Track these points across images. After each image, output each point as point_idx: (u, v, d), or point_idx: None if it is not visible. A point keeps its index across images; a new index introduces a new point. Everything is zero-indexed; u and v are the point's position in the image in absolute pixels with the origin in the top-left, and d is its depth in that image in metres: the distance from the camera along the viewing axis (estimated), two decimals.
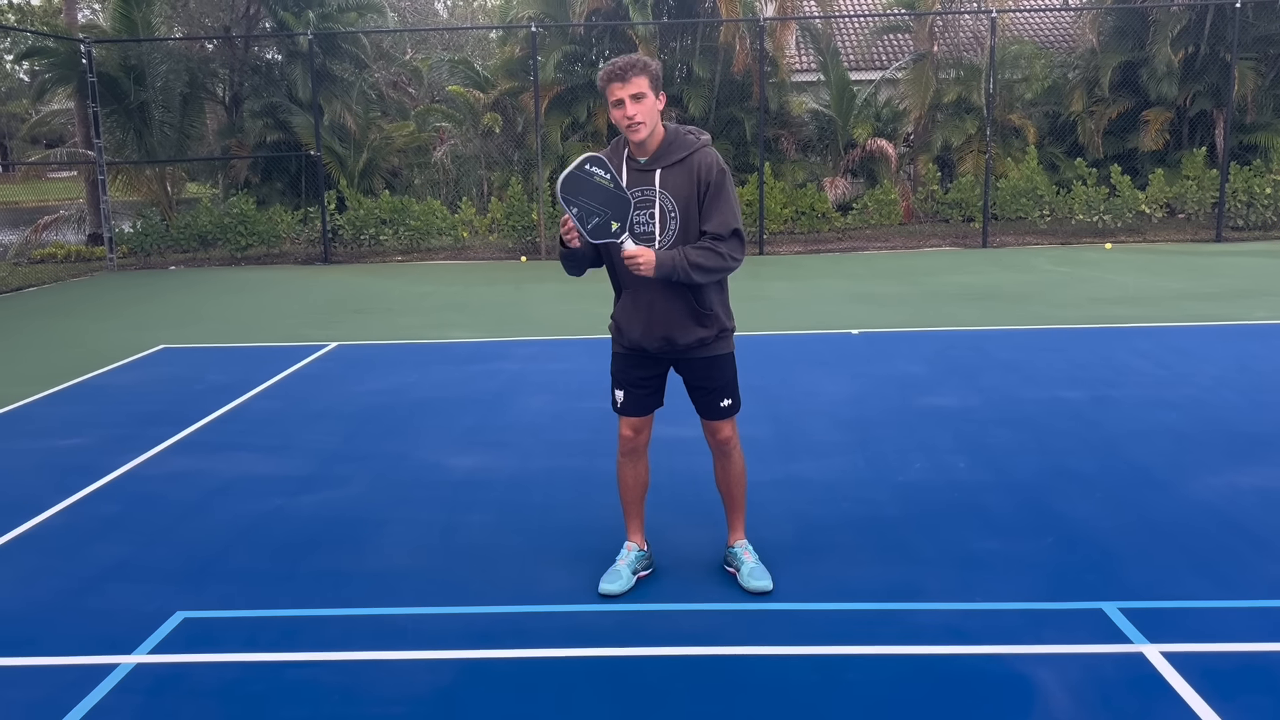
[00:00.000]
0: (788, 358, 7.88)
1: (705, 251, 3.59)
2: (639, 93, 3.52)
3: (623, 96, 3.52)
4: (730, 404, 3.87)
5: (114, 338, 9.61)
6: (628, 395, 3.87)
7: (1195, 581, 3.87)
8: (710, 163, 3.63)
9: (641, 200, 3.63)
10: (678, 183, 3.61)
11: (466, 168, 18.57)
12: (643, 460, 3.97)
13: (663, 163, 3.62)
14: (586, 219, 3.48)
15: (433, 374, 7.69)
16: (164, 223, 16.89)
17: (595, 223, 3.49)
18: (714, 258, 3.59)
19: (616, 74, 3.53)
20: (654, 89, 3.57)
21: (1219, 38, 16.20)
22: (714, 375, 3.82)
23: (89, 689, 3.29)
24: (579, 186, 3.47)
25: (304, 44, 16.64)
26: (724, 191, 3.63)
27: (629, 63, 3.54)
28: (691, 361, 3.80)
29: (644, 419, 3.91)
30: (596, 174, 3.47)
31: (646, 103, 3.54)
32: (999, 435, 5.76)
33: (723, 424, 3.90)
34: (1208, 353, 7.62)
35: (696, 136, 3.70)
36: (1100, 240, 15.54)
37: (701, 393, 3.86)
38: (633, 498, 4.00)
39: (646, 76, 3.54)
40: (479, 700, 3.20)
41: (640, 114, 3.54)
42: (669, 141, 3.64)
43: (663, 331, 3.71)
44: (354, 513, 4.84)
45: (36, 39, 17.78)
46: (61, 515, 4.91)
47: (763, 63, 15.87)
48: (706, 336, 3.73)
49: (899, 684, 3.22)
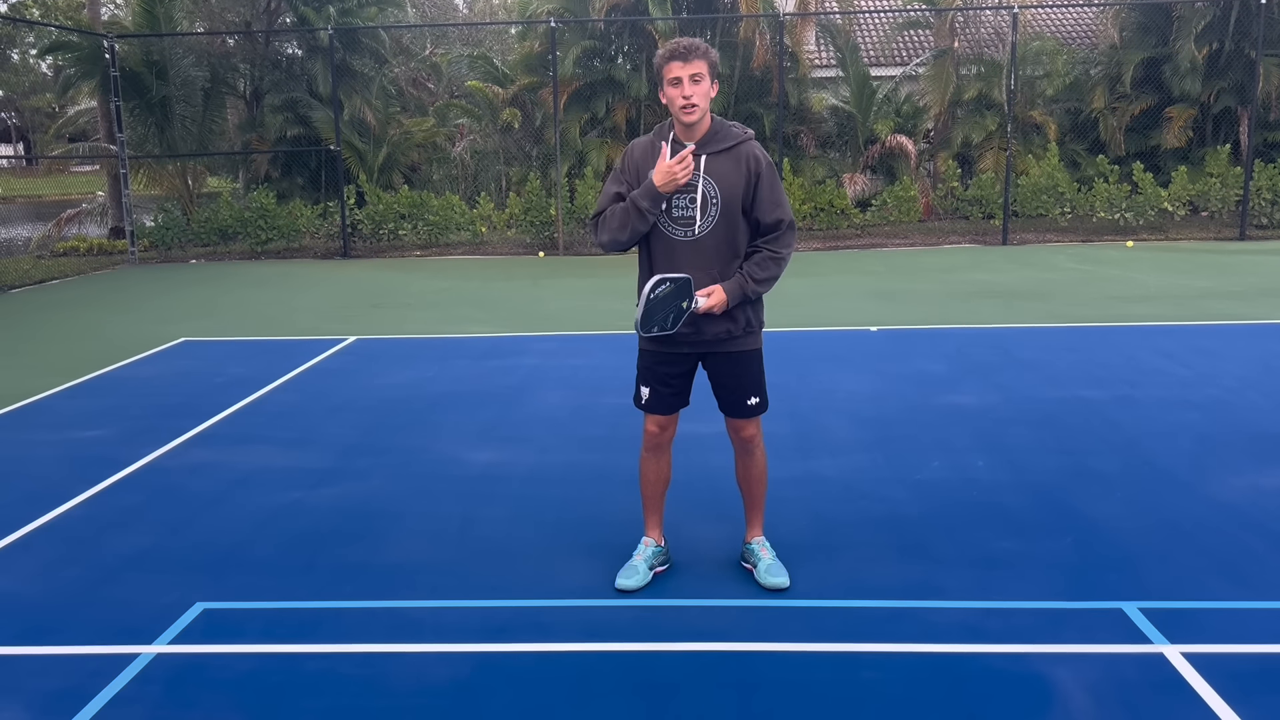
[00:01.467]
0: (806, 355, 7.85)
1: (764, 263, 3.64)
2: (698, 74, 3.53)
3: (682, 76, 3.52)
4: (757, 402, 3.86)
5: (135, 331, 9.68)
6: (654, 393, 3.85)
7: (1216, 582, 3.84)
8: (759, 154, 3.66)
9: (684, 185, 3.61)
10: (724, 170, 3.61)
11: (485, 163, 18.59)
12: (666, 456, 3.96)
13: (709, 149, 3.62)
14: (667, 324, 3.53)
15: (451, 368, 7.71)
16: (185, 217, 17.00)
17: (673, 318, 3.53)
18: (773, 265, 3.65)
19: (680, 53, 3.53)
20: (712, 75, 3.58)
21: (1244, 34, 16.04)
22: (740, 372, 3.80)
23: (109, 679, 3.32)
24: (655, 312, 3.48)
25: (324, 39, 16.70)
26: (775, 182, 3.67)
27: (692, 44, 3.55)
28: (718, 356, 3.78)
29: (670, 417, 3.89)
30: (659, 291, 3.46)
31: (703, 85, 3.55)
32: (1019, 434, 5.72)
33: (748, 422, 3.88)
34: (1231, 352, 7.55)
35: (742, 130, 3.71)
36: (1122, 238, 15.42)
37: (728, 390, 3.84)
38: (653, 493, 4.00)
39: (707, 61, 3.55)
40: (496, 693, 3.21)
41: (697, 95, 3.54)
42: (715, 130, 3.65)
43: (691, 325, 3.68)
44: (372, 505, 4.86)
45: (60, 34, 17.93)
46: (82, 506, 4.95)
47: (782, 58, 15.82)
48: (734, 329, 3.72)
49: (916, 682, 3.21)
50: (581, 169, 16.46)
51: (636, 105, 16.85)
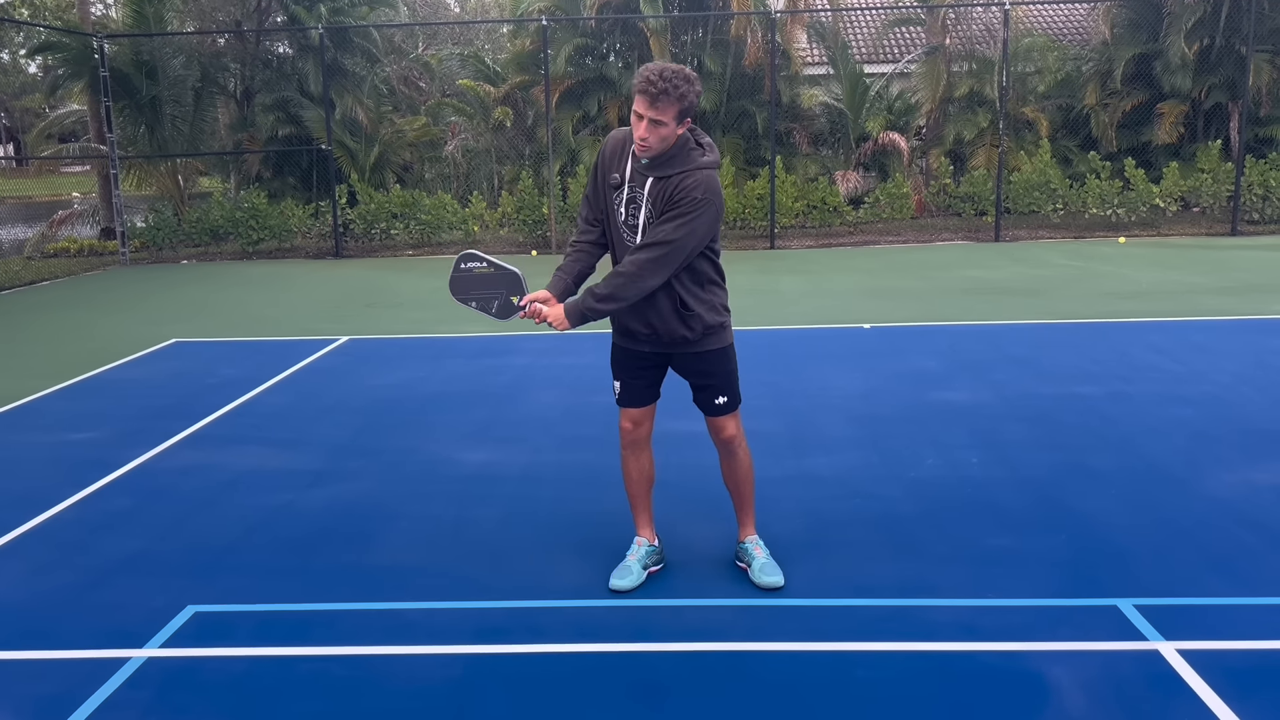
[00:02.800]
0: (799, 352, 7.85)
1: (610, 278, 3.52)
2: (660, 120, 3.39)
3: (643, 115, 3.41)
4: (726, 401, 3.82)
5: (126, 332, 9.64)
6: (624, 386, 3.86)
7: (1212, 579, 3.83)
8: (690, 185, 3.46)
9: (630, 198, 3.59)
10: (658, 194, 3.53)
11: (477, 162, 18.56)
12: (646, 453, 3.94)
13: (656, 172, 3.53)
14: (489, 305, 3.62)
15: (444, 368, 7.69)
16: (176, 217, 16.94)
17: (497, 305, 3.62)
18: (614, 281, 3.50)
19: (649, 92, 3.37)
20: (679, 118, 3.42)
21: (1234, 30, 16.06)
22: (706, 371, 3.78)
23: (100, 683, 3.29)
24: (466, 285, 3.64)
25: (315, 38, 16.65)
26: (678, 213, 3.46)
27: (665, 88, 3.35)
28: (683, 356, 3.77)
29: (643, 410, 3.88)
30: (474, 267, 3.62)
31: (663, 131, 3.42)
32: (1012, 431, 5.72)
33: (725, 422, 3.85)
34: (1224, 348, 7.56)
35: (703, 153, 3.55)
36: (1114, 234, 15.44)
37: (696, 389, 3.85)
38: (638, 491, 3.97)
39: (677, 107, 3.38)
40: (490, 695, 3.19)
41: (652, 139, 3.43)
42: (672, 155, 3.51)
43: (647, 325, 3.68)
44: (365, 507, 4.84)
45: (49, 34, 17.83)
46: (73, 509, 4.92)
47: (774, 56, 15.81)
48: (690, 335, 3.69)
49: (911, 681, 3.20)
50: (574, 167, 16.43)
51: (629, 103, 16.75)
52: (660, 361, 3.84)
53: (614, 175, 3.63)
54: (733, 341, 3.83)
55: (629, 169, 3.60)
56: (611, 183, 3.64)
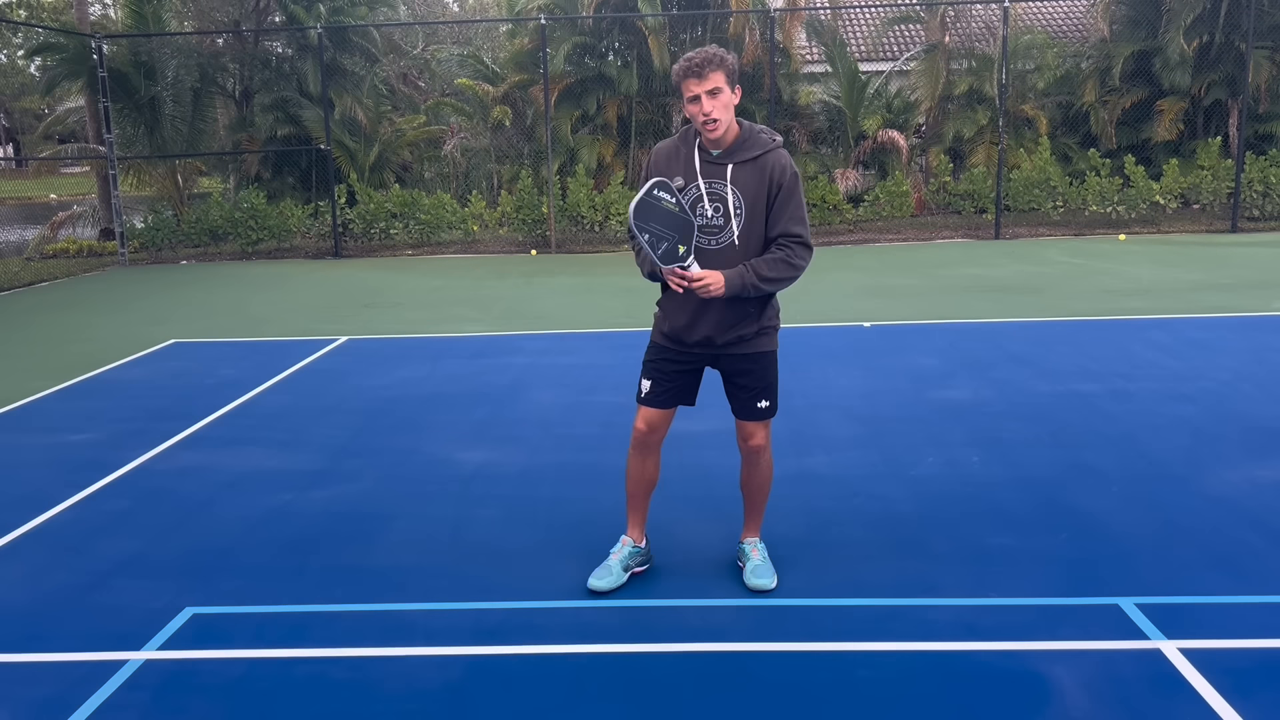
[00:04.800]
0: (799, 351, 7.83)
1: (774, 263, 3.53)
2: (716, 88, 3.42)
3: (699, 93, 3.42)
4: (767, 406, 3.78)
5: (125, 332, 9.63)
6: (655, 386, 3.78)
7: (1213, 577, 3.82)
8: (784, 164, 3.55)
9: (710, 193, 3.56)
10: (748, 180, 3.53)
11: (476, 161, 18.55)
12: (653, 457, 3.89)
13: (736, 158, 3.54)
14: (657, 244, 3.45)
15: (443, 368, 7.67)
16: (175, 218, 16.92)
17: (665, 248, 3.47)
18: (783, 268, 3.54)
19: (693, 70, 3.42)
20: (730, 83, 3.46)
21: (1234, 26, 16.05)
22: (753, 372, 3.74)
23: (97, 685, 3.28)
24: (650, 213, 3.44)
25: (314, 38, 16.64)
26: (795, 196, 3.56)
27: (705, 57, 3.42)
28: (732, 357, 3.72)
29: (662, 415, 3.81)
30: (664, 199, 3.45)
31: (723, 98, 3.44)
32: (1013, 429, 5.70)
33: (757, 428, 3.80)
34: (1224, 345, 7.55)
35: (770, 137, 3.61)
36: (1114, 231, 15.42)
37: (738, 389, 3.78)
38: (637, 492, 3.93)
39: (723, 71, 3.43)
40: (488, 696, 3.18)
41: (717, 110, 3.44)
42: (744, 138, 3.56)
43: (706, 328, 3.64)
44: (363, 508, 4.83)
45: (48, 35, 17.82)
46: (71, 510, 4.91)
47: (773, 53, 15.79)
48: (746, 333, 3.67)
49: (911, 681, 3.18)
50: (573, 166, 16.42)
51: (628, 102, 16.81)
52: (701, 364, 3.78)
53: (677, 179, 3.58)
54: (778, 348, 3.81)
55: (697, 166, 3.57)
56: (676, 186, 3.59)
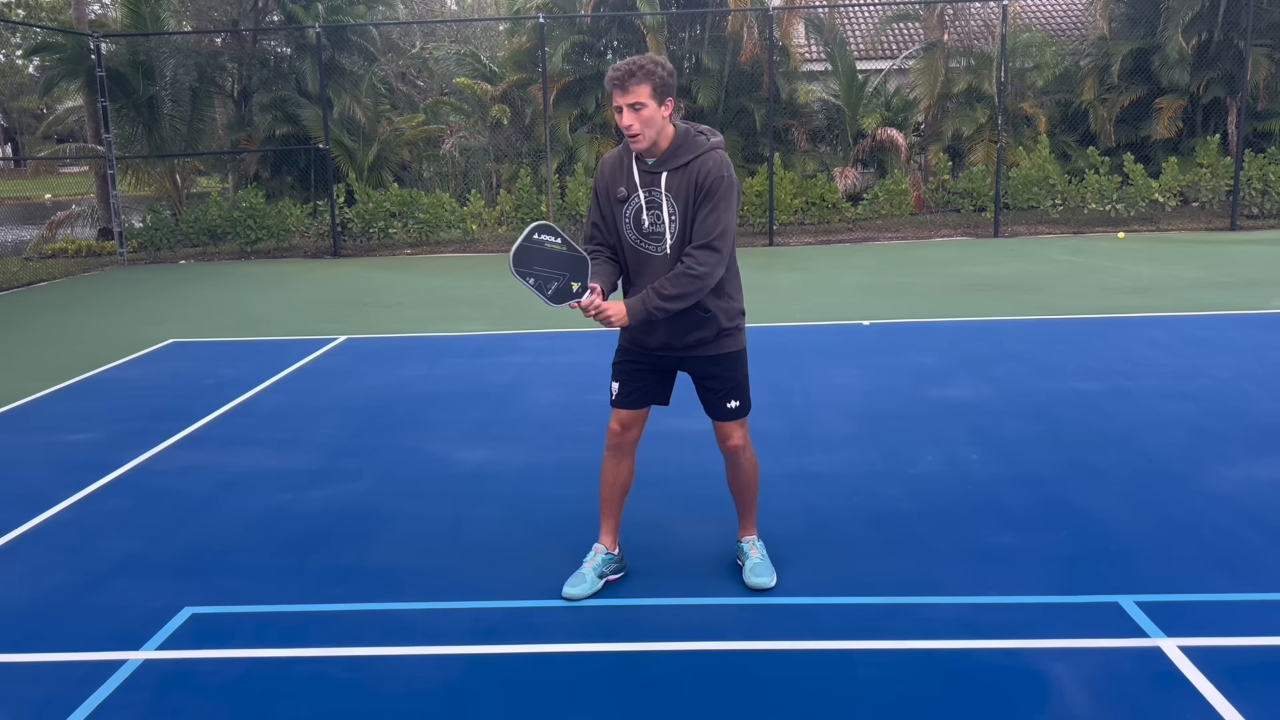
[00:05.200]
0: (799, 349, 7.83)
1: (675, 279, 3.48)
2: (638, 102, 3.40)
3: (622, 105, 3.42)
4: (737, 406, 3.77)
5: (124, 332, 9.62)
6: (623, 388, 3.78)
7: (1212, 575, 3.82)
8: (710, 168, 3.49)
9: (649, 202, 3.55)
10: (680, 186, 3.52)
11: (475, 160, 18.54)
12: (628, 460, 3.86)
13: (669, 165, 3.53)
14: (546, 286, 3.46)
15: (442, 367, 7.67)
16: (174, 217, 16.91)
17: (555, 287, 3.46)
18: (684, 282, 3.47)
19: (616, 82, 3.42)
20: (658, 96, 3.42)
21: (1233, 24, 16.05)
22: (718, 373, 3.73)
23: (96, 685, 3.28)
24: (531, 257, 3.44)
25: (313, 37, 16.62)
26: (714, 199, 3.48)
27: (630, 69, 3.40)
28: (697, 359, 3.72)
29: (634, 415, 3.79)
30: (548, 241, 3.44)
31: (646, 113, 3.41)
32: (1012, 427, 5.70)
33: (731, 428, 3.79)
34: (1224, 343, 7.55)
35: (707, 138, 3.58)
36: (1113, 229, 15.42)
37: (706, 391, 3.79)
38: (610, 496, 3.89)
39: (649, 84, 3.40)
40: (488, 695, 3.18)
41: (637, 124, 3.42)
42: (677, 144, 3.53)
43: (662, 334, 3.64)
44: (362, 507, 4.82)
45: (46, 35, 17.80)
46: (70, 510, 4.90)
47: (772, 52, 15.78)
48: (705, 337, 3.65)
49: (911, 679, 3.18)
50: (572, 165, 16.41)
51: None
52: (669, 365, 3.78)
53: (619, 189, 3.60)
54: (745, 346, 3.80)
55: (636, 176, 3.58)
56: (619, 196, 3.60)
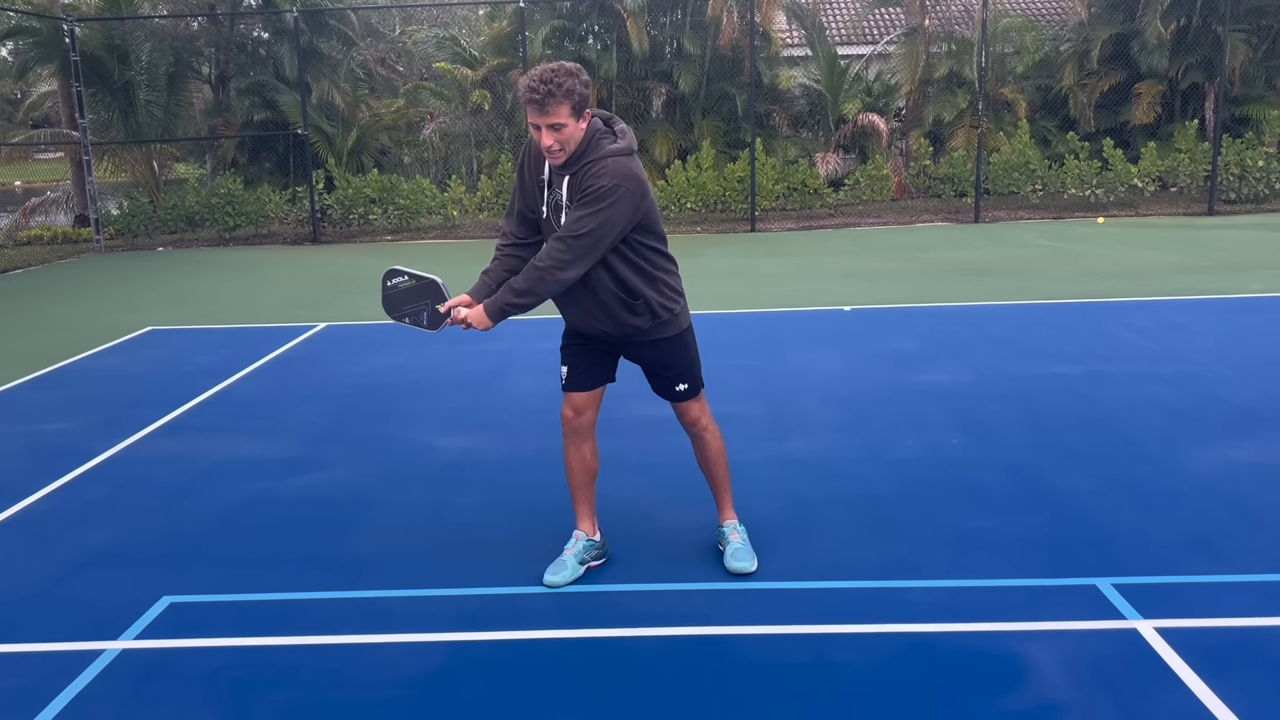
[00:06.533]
0: (779, 335, 7.84)
1: (526, 273, 3.45)
2: (557, 123, 3.31)
3: (540, 124, 3.33)
4: (686, 388, 3.78)
5: (101, 320, 9.53)
6: (572, 370, 3.78)
7: (1189, 557, 3.85)
8: (595, 174, 3.38)
9: (554, 203, 3.51)
10: (573, 190, 3.47)
11: (455, 146, 18.44)
12: (588, 443, 3.86)
13: (572, 169, 3.46)
14: (419, 318, 3.58)
15: (422, 354, 7.63)
16: (151, 204, 16.75)
17: (426, 316, 3.58)
18: (532, 274, 3.43)
19: (536, 103, 3.29)
20: (576, 113, 3.34)
21: (1210, 9, 16.11)
22: (661, 359, 3.73)
23: (74, 675, 3.25)
24: (396, 303, 3.64)
25: (290, 21, 16.46)
26: (585, 200, 3.38)
27: (549, 90, 3.26)
28: (637, 345, 3.72)
29: (588, 397, 3.79)
30: (399, 283, 3.62)
31: (566, 132, 3.34)
32: (992, 411, 5.73)
33: (687, 406, 3.81)
34: (1201, 327, 7.60)
35: (613, 141, 3.47)
36: (1093, 214, 15.50)
37: (653, 377, 3.80)
38: (578, 483, 3.89)
39: (569, 104, 3.29)
40: (469, 683, 3.17)
41: (557, 144, 3.36)
42: (582, 150, 3.43)
43: (596, 321, 3.63)
44: (342, 495, 4.80)
45: (20, 18, 17.54)
46: (46, 500, 4.86)
47: (753, 37, 15.74)
48: (640, 324, 3.63)
49: (891, 663, 3.20)
50: None
51: (608, 85, 16.74)
52: (610, 352, 3.78)
53: (540, 176, 3.56)
54: (690, 325, 3.78)
55: (549, 172, 3.53)
56: (539, 183, 3.56)
